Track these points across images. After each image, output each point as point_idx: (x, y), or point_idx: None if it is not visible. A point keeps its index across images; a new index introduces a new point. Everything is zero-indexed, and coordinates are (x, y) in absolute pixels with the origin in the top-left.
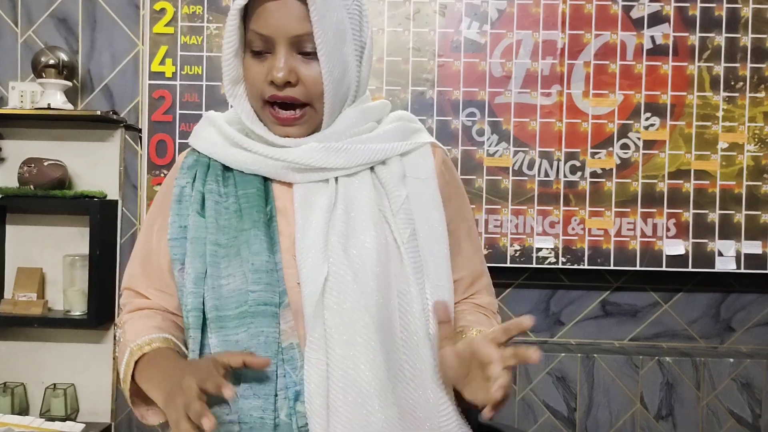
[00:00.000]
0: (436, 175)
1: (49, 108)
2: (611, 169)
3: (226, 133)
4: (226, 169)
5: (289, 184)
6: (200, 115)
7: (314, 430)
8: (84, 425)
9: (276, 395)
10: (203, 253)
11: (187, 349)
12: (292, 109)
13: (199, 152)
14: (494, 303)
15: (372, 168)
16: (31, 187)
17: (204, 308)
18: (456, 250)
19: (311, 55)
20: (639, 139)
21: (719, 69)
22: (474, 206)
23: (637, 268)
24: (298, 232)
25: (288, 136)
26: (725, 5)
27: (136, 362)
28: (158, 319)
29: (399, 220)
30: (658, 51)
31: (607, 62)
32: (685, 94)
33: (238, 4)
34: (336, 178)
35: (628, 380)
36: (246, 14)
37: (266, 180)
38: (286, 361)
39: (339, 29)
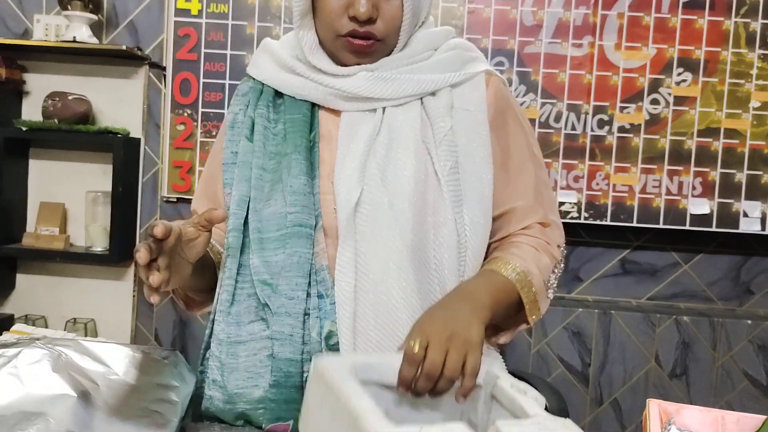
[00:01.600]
0: (486, 105)
1: (74, 41)
2: (639, 125)
3: (279, 59)
4: (278, 95)
5: (338, 112)
6: (225, 55)
7: (343, 350)
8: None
9: (307, 314)
10: (249, 177)
11: (216, 268)
12: (367, 39)
13: (254, 79)
14: (553, 235)
15: (422, 99)
16: (55, 120)
17: (245, 230)
18: (505, 182)
19: None
20: (670, 94)
21: (756, 25)
22: None
23: (660, 225)
24: (338, 159)
25: (359, 64)
26: None
27: None
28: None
29: (441, 151)
30: (694, 4)
31: (641, 14)
32: (719, 50)
33: None
34: (384, 109)
35: (644, 338)
36: None
37: (314, 107)
38: (319, 282)
39: None
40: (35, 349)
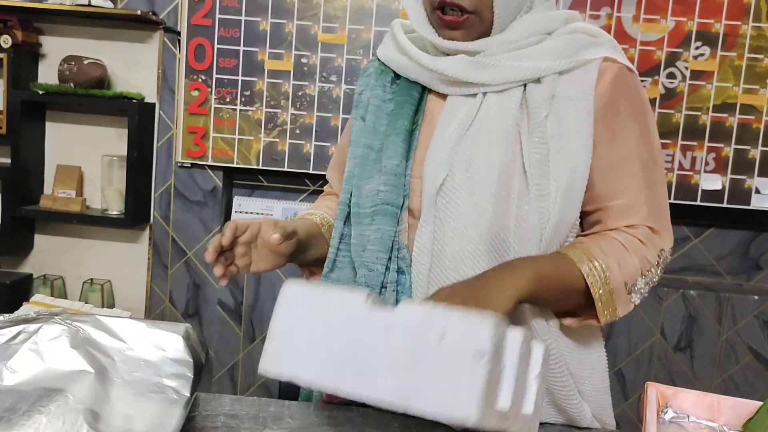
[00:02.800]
0: (595, 93)
1: (89, 5)
2: (655, 99)
3: (398, 41)
4: (397, 76)
5: (445, 96)
6: (239, 21)
7: None
8: (130, 312)
9: (384, 287)
10: (356, 155)
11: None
12: (459, 13)
13: (379, 60)
14: (653, 238)
15: (525, 86)
16: (71, 84)
17: (350, 204)
18: (605, 176)
19: None
20: (687, 68)
21: None
22: None
23: (671, 200)
24: (432, 143)
25: (453, 39)
26: None
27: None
28: (333, 206)
29: (533, 142)
30: None
31: None
32: (739, 23)
33: None
34: (485, 94)
35: (650, 311)
36: None
37: (425, 90)
38: (399, 259)
39: None
40: (54, 325)
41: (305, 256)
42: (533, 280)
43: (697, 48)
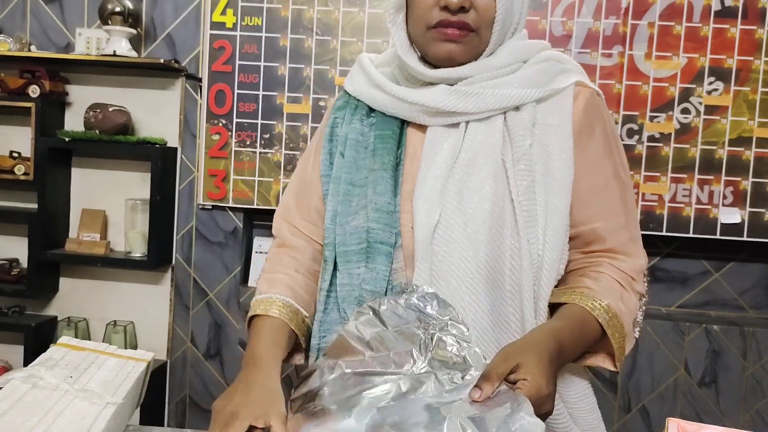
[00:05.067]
0: (572, 119)
1: (114, 55)
2: (670, 134)
3: (370, 76)
4: (371, 110)
5: (424, 128)
6: (258, 67)
7: None
8: (153, 353)
9: None
10: (338, 192)
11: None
12: (460, 28)
13: (349, 94)
14: (636, 266)
15: (505, 114)
16: (96, 131)
17: (335, 243)
18: (585, 200)
19: None
20: (701, 104)
21: None
22: None
23: (690, 235)
24: (419, 177)
25: (450, 57)
26: None
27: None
28: (294, 266)
29: (518, 170)
30: (726, 13)
31: (672, 23)
32: (751, 59)
33: None
34: (467, 123)
35: (673, 346)
36: None
37: (404, 123)
38: None
39: None
40: None
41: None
42: (569, 356)
43: (710, 83)
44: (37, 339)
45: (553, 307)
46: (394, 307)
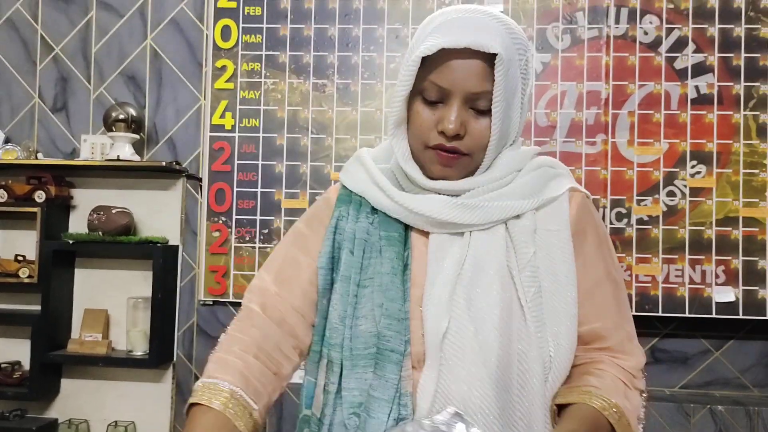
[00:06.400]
0: (569, 223)
1: (118, 159)
2: (658, 216)
3: (371, 173)
4: (374, 208)
5: (426, 233)
6: (257, 165)
7: None
8: None
9: None
10: (346, 292)
11: (255, 403)
12: (453, 153)
13: (349, 189)
14: (635, 363)
15: (506, 222)
16: (100, 233)
17: (342, 346)
18: (583, 301)
19: (483, 112)
20: (685, 186)
21: (766, 117)
22: None
23: (686, 314)
24: (428, 285)
25: (445, 177)
26: None
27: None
28: (254, 347)
29: (524, 277)
30: (702, 100)
31: (651, 111)
32: (731, 142)
33: (422, 53)
34: (471, 232)
35: (679, 429)
36: (424, 63)
37: (406, 225)
38: (402, 406)
39: (513, 87)
40: None
41: None
42: None
43: (692, 167)
44: None
45: (559, 407)
46: (417, 428)
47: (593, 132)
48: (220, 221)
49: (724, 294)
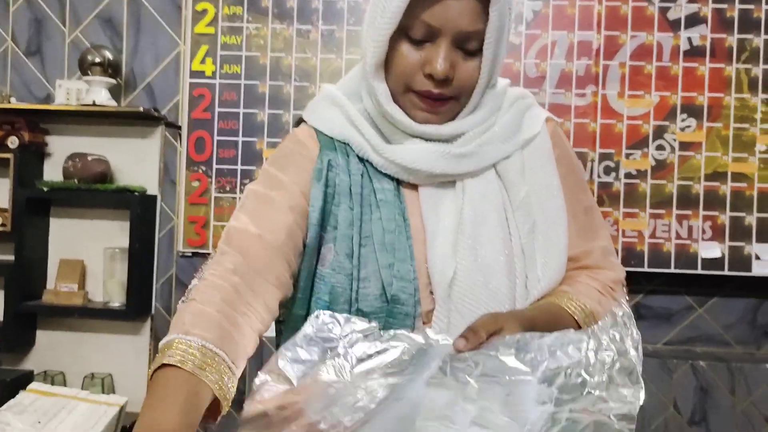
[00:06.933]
0: (553, 154)
1: (93, 105)
2: (646, 170)
3: (352, 119)
4: (360, 157)
5: (415, 185)
6: (238, 114)
7: None
8: (126, 398)
9: None
10: (352, 253)
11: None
12: (438, 99)
13: (323, 133)
14: (613, 277)
15: (495, 164)
16: (75, 180)
17: (350, 307)
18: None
19: (472, 53)
20: (675, 140)
21: (758, 71)
22: None
23: (672, 270)
24: (429, 239)
25: (427, 122)
26: (764, 7)
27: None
28: (234, 293)
29: (519, 216)
30: (695, 52)
31: (642, 63)
32: (722, 95)
33: None
34: (463, 180)
35: (661, 384)
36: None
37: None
38: None
39: (503, 27)
40: None
41: None
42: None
43: (683, 120)
44: (12, 395)
45: None
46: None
47: (583, 83)
48: (200, 170)
49: (711, 250)
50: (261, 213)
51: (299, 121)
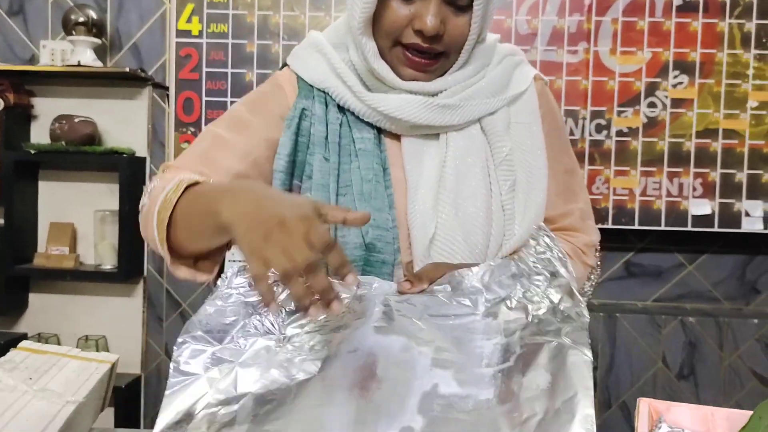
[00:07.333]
0: (539, 113)
1: (79, 65)
2: (637, 128)
3: (335, 67)
4: (340, 106)
5: (398, 135)
6: (226, 74)
7: None
8: (118, 355)
9: None
10: (327, 201)
11: None
12: (428, 55)
13: (304, 80)
14: (586, 240)
15: (480, 118)
16: (63, 143)
17: None
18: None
19: (462, 8)
20: (666, 97)
21: (750, 26)
22: None
23: (662, 227)
24: (410, 191)
25: (415, 80)
26: None
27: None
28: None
29: (501, 172)
30: (687, 7)
31: (635, 19)
32: (714, 51)
33: None
34: (447, 133)
35: (650, 340)
36: None
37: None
38: None
39: None
40: None
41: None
42: None
43: (675, 77)
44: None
45: None
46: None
47: (575, 40)
48: (189, 132)
49: (701, 206)
50: (210, 157)
51: (284, 65)
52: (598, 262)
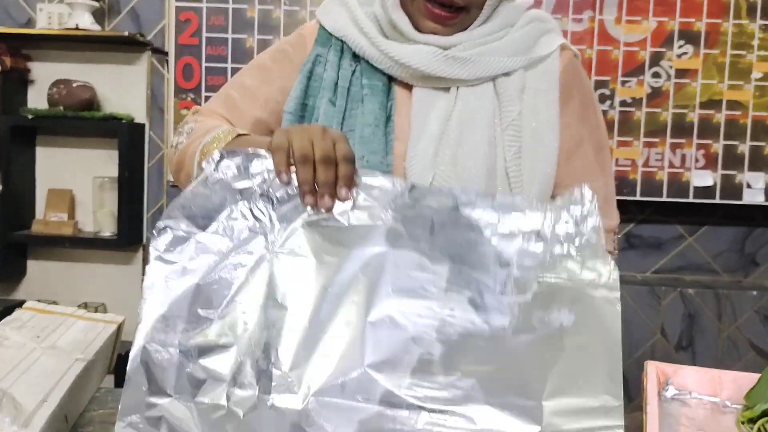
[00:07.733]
0: (558, 83)
1: (77, 29)
2: (641, 99)
3: (354, 16)
4: (356, 54)
5: (410, 85)
6: (226, 39)
7: None
8: (124, 317)
9: None
10: None
11: None
12: (449, 8)
13: (328, 31)
14: (606, 224)
15: (494, 79)
16: (61, 108)
17: None
18: (564, 162)
19: None
20: (671, 67)
21: None
22: None
23: (664, 199)
24: (412, 140)
25: (435, 33)
26: None
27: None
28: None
29: (507, 136)
30: None
31: None
32: (720, 21)
33: None
34: (458, 87)
35: (649, 311)
36: None
37: (389, 76)
38: None
39: None
40: None
41: None
42: None
43: (680, 47)
44: None
45: None
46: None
47: (580, 8)
48: (189, 98)
49: (703, 178)
50: (234, 105)
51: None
52: (616, 247)
